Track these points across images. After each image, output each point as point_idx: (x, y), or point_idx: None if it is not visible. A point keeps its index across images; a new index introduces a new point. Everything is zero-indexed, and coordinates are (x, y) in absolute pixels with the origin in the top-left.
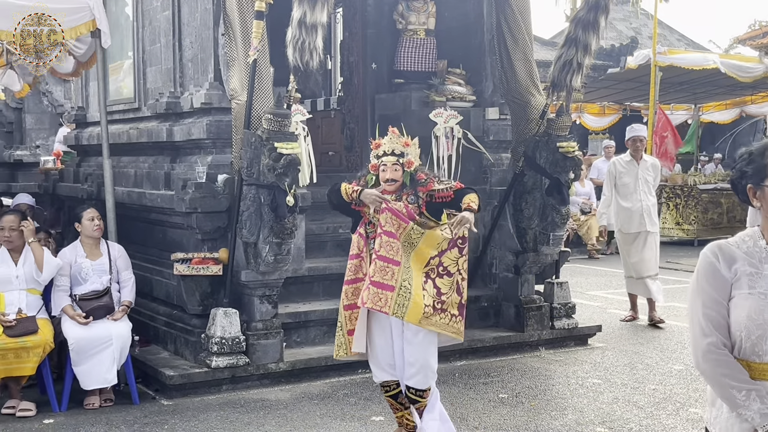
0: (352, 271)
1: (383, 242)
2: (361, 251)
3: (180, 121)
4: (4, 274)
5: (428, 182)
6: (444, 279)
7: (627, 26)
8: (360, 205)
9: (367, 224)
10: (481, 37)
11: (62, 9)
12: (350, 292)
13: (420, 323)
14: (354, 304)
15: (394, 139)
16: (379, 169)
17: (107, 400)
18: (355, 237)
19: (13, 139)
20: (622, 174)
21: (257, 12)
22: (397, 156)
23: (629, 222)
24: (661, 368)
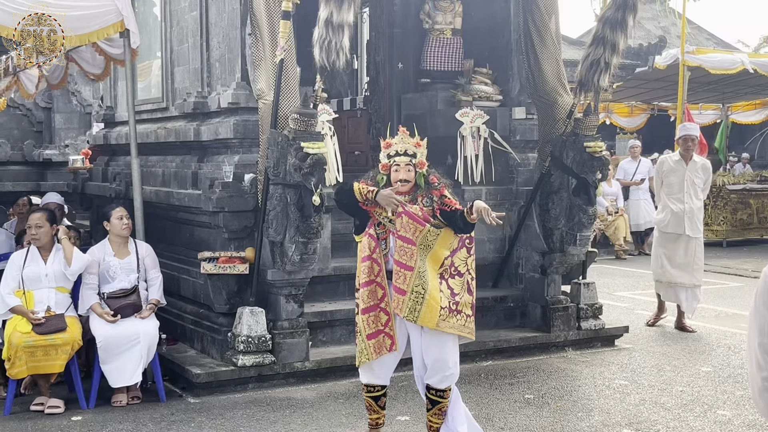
0: (365, 273)
1: (398, 247)
2: (372, 252)
3: (207, 120)
4: (33, 273)
5: (441, 186)
6: (456, 279)
7: (655, 25)
8: (372, 205)
9: (377, 225)
10: (508, 36)
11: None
12: (366, 295)
13: (438, 326)
14: (373, 306)
15: (405, 139)
16: (391, 168)
17: (134, 397)
18: (365, 238)
19: (43, 138)
20: (669, 173)
21: (284, 12)
22: (410, 156)
23: (675, 223)
24: (689, 370)
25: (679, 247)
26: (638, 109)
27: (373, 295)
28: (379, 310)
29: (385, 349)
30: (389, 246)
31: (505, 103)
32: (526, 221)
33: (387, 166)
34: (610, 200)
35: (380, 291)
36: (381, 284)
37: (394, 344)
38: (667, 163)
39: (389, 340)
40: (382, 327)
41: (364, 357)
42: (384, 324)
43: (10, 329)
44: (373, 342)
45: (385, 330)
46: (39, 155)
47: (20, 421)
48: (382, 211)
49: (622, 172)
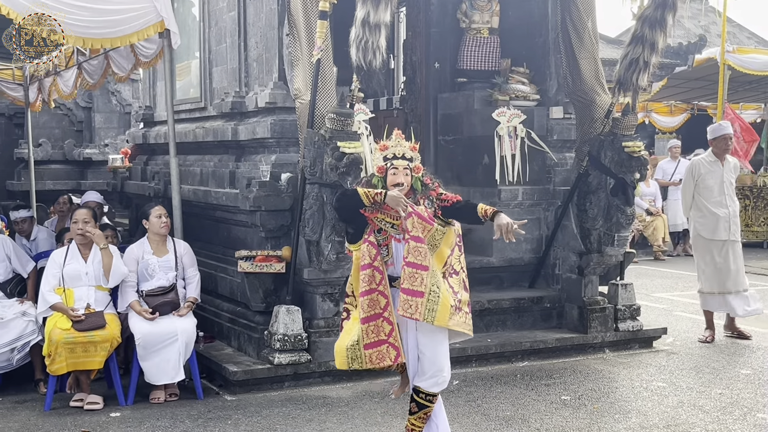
0: (366, 282)
1: (411, 248)
2: (373, 260)
3: (245, 120)
4: (74, 270)
5: (435, 186)
6: (454, 278)
7: (695, 24)
8: (376, 210)
9: (377, 232)
10: (545, 35)
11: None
12: (367, 304)
13: (449, 324)
14: (374, 316)
15: (401, 142)
16: (389, 172)
17: (172, 394)
18: (364, 246)
19: (83, 137)
20: (706, 176)
21: (321, 12)
22: (407, 160)
23: (715, 229)
24: (728, 372)
25: (727, 252)
26: (678, 108)
27: (374, 304)
28: (381, 320)
29: (388, 359)
30: (391, 251)
31: (543, 103)
32: (563, 221)
33: (383, 169)
34: (648, 200)
35: (383, 300)
36: (383, 293)
37: (399, 355)
38: (703, 165)
39: (394, 351)
40: (386, 337)
41: (356, 364)
42: (388, 334)
43: (51, 326)
44: (371, 352)
45: (389, 340)
46: (79, 154)
47: (60, 417)
48: (384, 216)
49: (660, 172)
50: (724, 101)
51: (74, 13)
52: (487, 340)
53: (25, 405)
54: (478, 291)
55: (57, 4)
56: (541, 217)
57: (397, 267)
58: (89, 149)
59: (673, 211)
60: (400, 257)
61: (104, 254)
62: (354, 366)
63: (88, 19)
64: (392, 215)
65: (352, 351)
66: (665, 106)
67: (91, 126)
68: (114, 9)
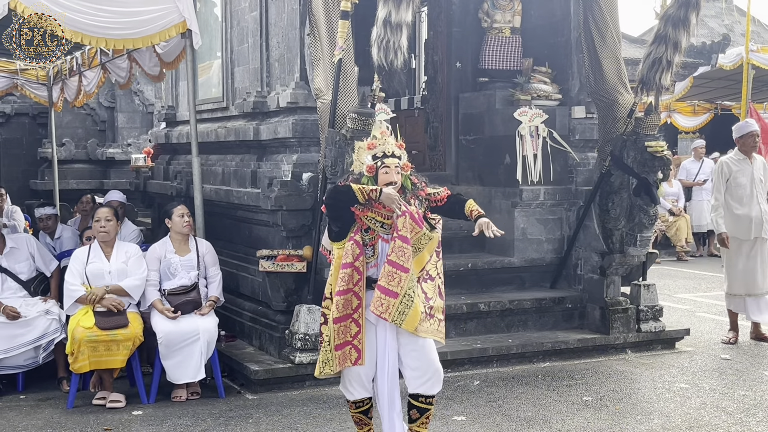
0: (344, 281)
1: (396, 247)
2: (355, 259)
3: (266, 120)
4: (97, 269)
5: (423, 186)
6: (428, 283)
7: (719, 23)
8: (367, 208)
9: (364, 231)
10: (567, 34)
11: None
12: (341, 303)
13: (416, 330)
14: (345, 316)
15: (389, 140)
16: (379, 171)
17: (194, 393)
18: (348, 244)
19: (106, 137)
20: (737, 174)
21: (343, 11)
22: (397, 158)
23: (745, 229)
24: (752, 374)
25: (757, 252)
26: (701, 108)
27: (347, 305)
28: (350, 321)
29: (349, 361)
30: (376, 252)
31: (565, 102)
32: (585, 221)
33: (373, 168)
34: (671, 201)
35: (356, 301)
36: (358, 294)
37: (360, 358)
38: (732, 165)
39: (356, 353)
40: (351, 338)
41: (328, 368)
42: (353, 335)
43: (74, 324)
44: (339, 353)
45: (353, 342)
46: (102, 154)
47: (83, 415)
48: (375, 215)
49: (684, 172)
50: (749, 101)
51: (96, 14)
52: (508, 341)
53: (48, 403)
54: (500, 291)
55: (78, 5)
56: (562, 217)
57: (381, 268)
58: (112, 149)
59: (697, 212)
60: (385, 257)
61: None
62: (326, 370)
63: (110, 20)
64: (383, 214)
65: (323, 354)
66: (689, 106)
67: (114, 126)
68: (136, 11)
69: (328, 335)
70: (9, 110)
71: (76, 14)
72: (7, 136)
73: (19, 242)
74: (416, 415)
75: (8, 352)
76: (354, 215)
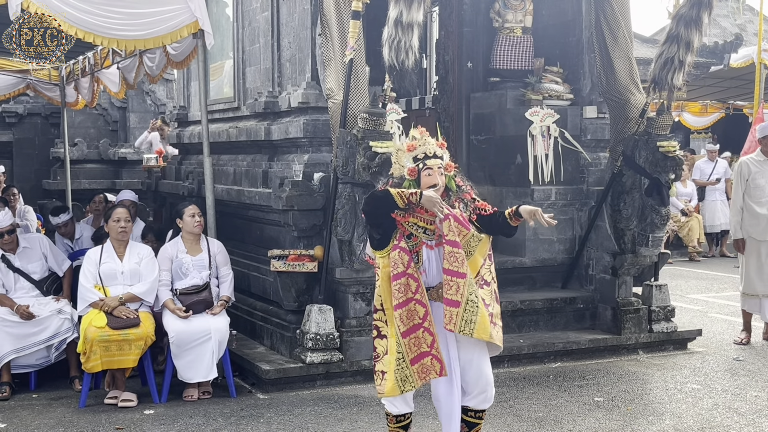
0: (401, 292)
1: (447, 253)
2: (407, 267)
3: (278, 120)
4: (110, 270)
5: (469, 189)
6: (485, 289)
7: (731, 23)
8: (408, 213)
9: (407, 237)
10: (579, 34)
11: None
12: (405, 316)
13: (490, 337)
14: (414, 327)
15: (429, 140)
16: (422, 173)
17: (205, 392)
18: (395, 253)
19: (118, 137)
20: (756, 175)
21: (354, 11)
22: (440, 159)
23: (763, 229)
24: (764, 375)
25: None
26: (712, 107)
27: (413, 315)
28: (422, 330)
29: (434, 372)
30: (421, 259)
31: (576, 102)
32: (597, 222)
33: (415, 171)
34: (684, 201)
35: (421, 309)
36: (421, 301)
37: (443, 368)
38: (751, 165)
39: (438, 363)
40: (428, 348)
41: (409, 385)
42: (430, 345)
43: (86, 324)
44: (417, 367)
45: (432, 352)
46: (114, 154)
47: (95, 414)
48: (416, 220)
49: (698, 171)
50: (761, 101)
51: (108, 15)
52: (519, 341)
53: (60, 402)
54: (511, 291)
55: (90, 6)
56: (574, 218)
57: (429, 276)
58: (124, 149)
59: (711, 212)
60: (432, 265)
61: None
62: (407, 388)
63: (122, 21)
64: (426, 219)
65: (400, 372)
66: (700, 106)
67: (125, 126)
68: (148, 11)
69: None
70: (21, 110)
71: (89, 15)
72: (20, 136)
73: (31, 242)
74: (465, 429)
75: (21, 351)
76: (395, 221)
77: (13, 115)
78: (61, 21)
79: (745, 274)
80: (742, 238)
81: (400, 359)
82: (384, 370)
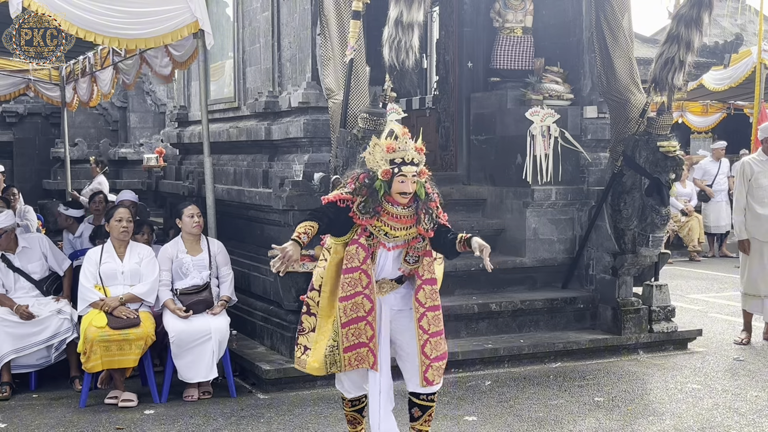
0: (350, 285)
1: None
2: (362, 263)
3: (278, 120)
4: (110, 270)
5: (435, 196)
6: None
7: (731, 23)
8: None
9: (368, 236)
10: (579, 34)
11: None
12: (349, 308)
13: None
14: (355, 319)
15: (409, 143)
16: (395, 178)
17: (206, 392)
18: (353, 248)
19: (118, 137)
20: (759, 175)
21: (354, 12)
22: (416, 166)
23: (765, 230)
24: (764, 375)
25: None
26: (713, 108)
27: (358, 308)
28: (365, 323)
29: (366, 363)
30: (376, 258)
31: (577, 102)
32: (597, 221)
33: (389, 173)
34: (683, 201)
35: (368, 304)
36: (369, 297)
37: (376, 363)
38: (756, 165)
39: (372, 357)
40: (367, 341)
41: (336, 368)
42: (369, 338)
43: (86, 324)
44: (351, 355)
45: (369, 345)
46: (114, 154)
47: (95, 414)
48: (381, 224)
49: (701, 171)
50: (761, 101)
51: (109, 14)
52: (519, 341)
53: (60, 402)
54: (511, 291)
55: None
56: (574, 218)
57: (379, 271)
58: (124, 149)
59: (716, 213)
60: (385, 265)
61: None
62: (332, 370)
63: (123, 20)
64: (392, 225)
65: (331, 357)
66: (700, 106)
67: (126, 126)
68: (148, 11)
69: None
70: (22, 110)
71: (89, 14)
72: (20, 135)
73: (31, 242)
74: (418, 413)
75: (20, 351)
76: (351, 221)
77: (14, 115)
78: (61, 20)
79: (747, 274)
80: (747, 239)
81: (334, 347)
82: (307, 346)
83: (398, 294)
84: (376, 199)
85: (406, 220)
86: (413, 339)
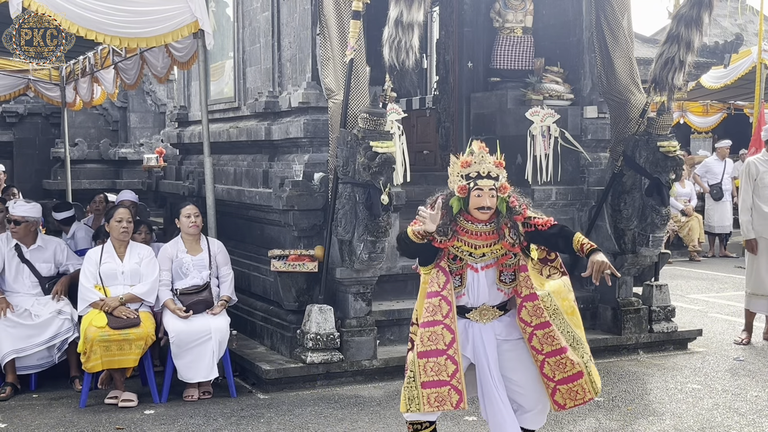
0: (430, 312)
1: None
2: (442, 288)
3: (278, 120)
4: (111, 269)
5: (522, 209)
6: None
7: (732, 23)
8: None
9: (452, 259)
10: (579, 34)
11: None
12: (427, 336)
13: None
14: (434, 351)
15: (486, 157)
16: (471, 193)
17: (206, 392)
18: (434, 271)
19: (118, 137)
20: (764, 175)
21: (354, 11)
22: (494, 179)
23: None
24: (764, 375)
25: None
26: (714, 108)
27: (437, 339)
28: (445, 358)
29: (449, 404)
30: (465, 282)
31: (577, 102)
32: (597, 222)
33: (465, 189)
34: (683, 201)
35: (448, 335)
36: (450, 327)
37: (462, 401)
38: (759, 164)
39: (456, 395)
40: (448, 378)
41: (414, 406)
42: (451, 375)
43: (86, 324)
44: (430, 392)
45: (451, 382)
46: (114, 154)
47: (95, 414)
48: (461, 244)
49: (703, 169)
50: (761, 101)
51: (110, 13)
52: None
53: (60, 402)
54: None
55: (93, 4)
56: (574, 218)
57: (471, 298)
58: (124, 149)
59: (720, 213)
60: (474, 288)
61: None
62: (412, 409)
63: (124, 19)
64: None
65: (408, 390)
66: (701, 106)
67: (126, 126)
68: (149, 10)
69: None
70: (22, 110)
71: (89, 12)
72: (20, 135)
73: (48, 244)
74: None
75: (22, 352)
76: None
77: (14, 115)
78: (62, 19)
79: (754, 274)
80: (755, 239)
81: (411, 378)
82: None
83: (502, 323)
84: (451, 217)
85: (487, 236)
86: (531, 364)
